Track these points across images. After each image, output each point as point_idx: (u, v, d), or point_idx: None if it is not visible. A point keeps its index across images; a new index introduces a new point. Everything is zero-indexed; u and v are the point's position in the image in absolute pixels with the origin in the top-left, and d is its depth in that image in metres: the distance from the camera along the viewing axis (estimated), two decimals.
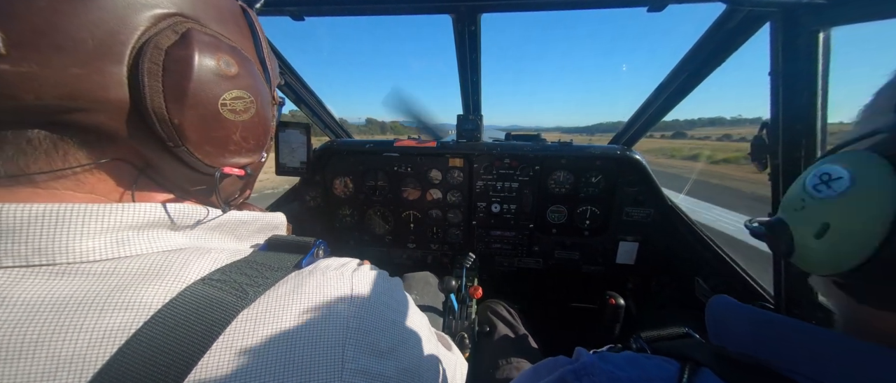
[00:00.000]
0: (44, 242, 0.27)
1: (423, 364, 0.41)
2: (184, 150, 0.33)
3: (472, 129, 1.44)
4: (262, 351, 0.28)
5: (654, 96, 1.24)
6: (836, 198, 0.23)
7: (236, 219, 0.41)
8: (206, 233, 0.38)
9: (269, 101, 0.41)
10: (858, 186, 0.22)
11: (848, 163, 0.23)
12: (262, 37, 0.42)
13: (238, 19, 0.38)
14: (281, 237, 0.43)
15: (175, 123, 0.31)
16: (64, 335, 0.25)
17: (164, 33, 0.29)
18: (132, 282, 0.28)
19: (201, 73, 0.31)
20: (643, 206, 1.43)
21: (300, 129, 1.39)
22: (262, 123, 0.39)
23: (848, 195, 0.22)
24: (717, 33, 0.90)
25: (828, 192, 0.23)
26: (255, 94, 0.37)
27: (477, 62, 1.17)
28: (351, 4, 0.92)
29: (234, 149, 0.37)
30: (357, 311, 0.35)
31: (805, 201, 0.25)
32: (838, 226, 0.22)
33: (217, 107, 0.33)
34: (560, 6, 0.88)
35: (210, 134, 0.34)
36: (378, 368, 0.33)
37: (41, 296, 0.26)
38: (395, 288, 0.43)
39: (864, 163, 0.22)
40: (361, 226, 1.65)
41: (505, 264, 1.65)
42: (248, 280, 0.32)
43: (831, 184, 0.23)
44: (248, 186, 0.49)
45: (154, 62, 0.29)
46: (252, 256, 0.35)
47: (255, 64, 0.38)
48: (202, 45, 0.31)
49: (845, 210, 0.22)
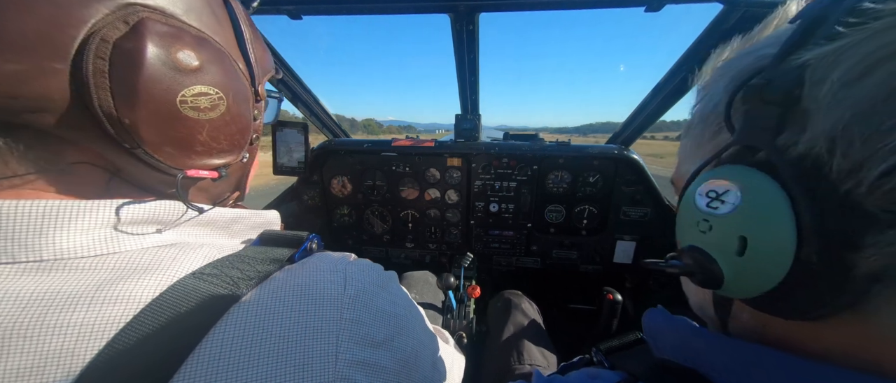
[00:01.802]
0: (31, 238, 0.26)
1: (420, 355, 0.41)
2: (141, 152, 0.30)
3: (470, 129, 1.44)
4: (256, 343, 0.28)
5: (651, 96, 1.24)
6: (736, 211, 0.22)
7: (230, 216, 0.40)
8: (198, 229, 0.37)
9: (246, 98, 0.38)
10: (748, 193, 0.22)
11: (723, 176, 0.23)
12: (247, 29, 0.39)
13: (215, 9, 0.35)
14: (274, 232, 0.42)
15: (126, 123, 0.28)
16: (52, 330, 0.24)
17: (114, 25, 0.26)
18: (122, 277, 0.28)
19: (153, 68, 0.28)
20: (640, 206, 1.44)
21: (298, 129, 1.38)
22: (235, 122, 0.36)
23: (744, 203, 0.22)
24: (714, 33, 0.91)
25: (725, 207, 0.23)
26: (225, 89, 0.34)
27: (475, 62, 1.17)
28: (349, 3, 0.92)
29: (202, 151, 0.34)
30: (351, 302, 0.34)
31: (709, 221, 0.24)
32: (753, 235, 0.22)
33: (175, 105, 0.30)
34: (558, 6, 0.88)
35: (168, 134, 0.31)
36: (374, 359, 0.33)
37: (29, 292, 0.25)
38: (390, 281, 0.43)
39: (737, 173, 0.22)
40: (359, 225, 1.65)
41: (503, 264, 1.65)
42: (240, 274, 0.31)
43: (723, 198, 0.23)
44: (237, 187, 0.47)
45: (100, 57, 0.26)
46: (244, 251, 0.35)
47: (230, 57, 0.35)
48: (156, 37, 0.28)
49: (750, 218, 0.22)
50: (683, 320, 0.30)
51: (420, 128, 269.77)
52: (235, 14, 0.37)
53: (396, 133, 48.99)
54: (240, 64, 0.37)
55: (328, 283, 0.34)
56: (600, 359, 0.39)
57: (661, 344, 0.31)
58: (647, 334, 0.33)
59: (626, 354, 0.37)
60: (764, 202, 0.21)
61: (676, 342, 0.29)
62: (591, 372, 0.34)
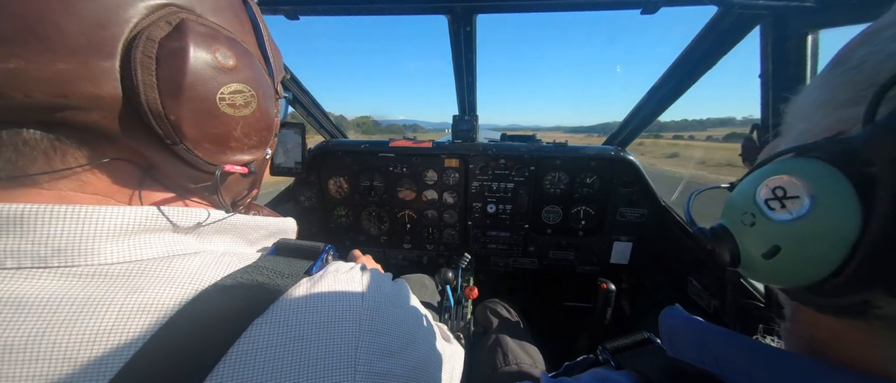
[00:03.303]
0: (62, 242, 0.27)
1: (430, 360, 0.42)
2: (182, 148, 0.31)
3: (467, 130, 1.44)
4: (277, 355, 0.28)
5: (647, 97, 1.25)
6: (792, 222, 0.20)
7: (250, 224, 0.41)
8: (219, 236, 0.38)
9: (271, 96, 0.39)
10: (818, 211, 0.19)
11: (806, 178, 0.20)
12: (264, 29, 0.41)
13: (237, 11, 0.37)
14: (289, 241, 0.43)
15: (171, 119, 0.29)
16: (79, 336, 0.24)
17: (157, 24, 0.28)
18: (147, 285, 0.28)
19: (197, 66, 0.29)
20: (637, 207, 1.44)
21: (295, 129, 1.38)
22: (264, 118, 0.38)
23: (806, 220, 0.19)
24: (709, 35, 0.91)
25: (783, 214, 0.20)
26: (256, 87, 0.35)
27: (472, 63, 1.17)
28: (346, 4, 0.92)
29: (236, 146, 0.35)
30: (369, 314, 0.35)
31: (755, 217, 0.22)
32: (791, 251, 0.20)
33: (215, 102, 0.32)
34: (554, 8, 0.89)
35: (209, 130, 0.32)
36: (389, 368, 0.34)
37: (58, 298, 0.25)
38: (401, 290, 0.44)
39: (825, 182, 0.19)
40: (357, 226, 1.64)
41: (500, 264, 1.65)
42: (260, 286, 0.32)
43: (787, 202, 0.20)
44: (255, 185, 0.48)
45: (147, 55, 0.27)
46: (262, 261, 0.35)
47: (256, 57, 0.37)
48: (197, 36, 0.30)
49: (801, 236, 0.19)
50: (701, 321, 0.30)
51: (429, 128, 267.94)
52: (255, 16, 0.39)
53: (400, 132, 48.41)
54: (262, 64, 0.39)
55: (347, 297, 0.35)
56: (607, 358, 0.39)
57: (679, 345, 0.30)
58: (664, 334, 0.32)
59: (634, 354, 0.37)
60: (831, 232, 0.18)
61: (695, 343, 0.28)
62: (599, 373, 0.34)
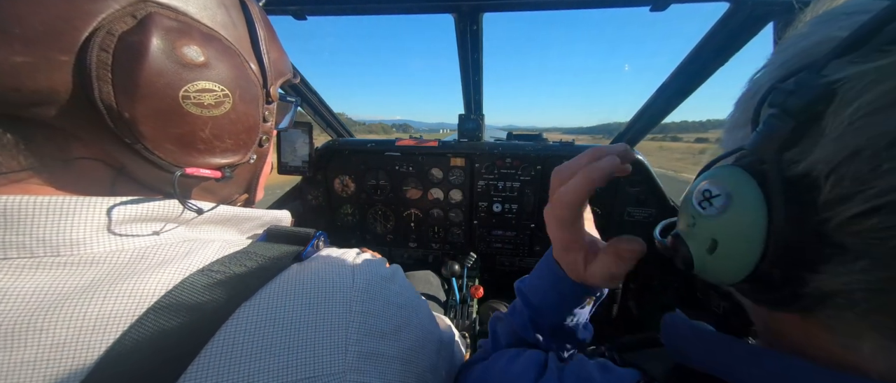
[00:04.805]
0: (48, 233, 0.27)
1: (426, 343, 0.41)
2: (141, 147, 0.30)
3: (473, 129, 1.44)
4: (266, 337, 0.28)
5: (656, 96, 1.23)
6: (718, 216, 0.23)
7: (242, 215, 0.40)
8: (209, 225, 0.37)
9: (255, 98, 0.37)
10: (734, 203, 0.22)
11: (722, 180, 0.24)
12: (263, 30, 0.39)
13: (231, 9, 0.35)
14: (280, 227, 0.42)
15: (126, 117, 0.28)
16: (65, 322, 0.25)
17: (122, 19, 0.27)
18: (134, 272, 0.28)
19: (155, 61, 0.28)
20: (645, 206, 1.43)
21: (302, 129, 1.39)
22: (241, 121, 0.36)
23: (727, 212, 0.23)
24: (720, 32, 0.90)
25: (711, 210, 0.24)
26: (232, 87, 0.34)
27: (479, 62, 1.17)
28: (353, 4, 0.92)
29: (204, 148, 0.33)
30: (359, 295, 0.35)
31: (695, 218, 0.26)
32: (725, 242, 0.23)
33: (177, 100, 0.30)
34: (562, 6, 0.88)
35: (169, 129, 0.30)
36: (382, 349, 0.33)
37: (44, 286, 0.26)
38: (396, 273, 0.44)
39: (735, 180, 0.23)
40: (363, 225, 1.65)
41: (506, 264, 1.65)
42: (249, 270, 0.32)
43: (712, 201, 0.24)
44: (245, 190, 0.46)
45: (104, 49, 0.26)
46: (252, 247, 0.35)
47: (241, 57, 0.35)
48: (162, 31, 0.28)
49: (728, 225, 0.23)
50: (706, 327, 0.30)
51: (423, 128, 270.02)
52: (252, 15, 0.38)
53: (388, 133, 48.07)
54: (252, 64, 0.37)
55: (337, 278, 0.35)
56: (612, 355, 0.39)
57: (684, 351, 0.30)
58: (668, 341, 0.32)
59: (640, 353, 0.37)
60: (746, 220, 0.22)
61: (700, 351, 0.28)
62: (604, 363, 0.34)
